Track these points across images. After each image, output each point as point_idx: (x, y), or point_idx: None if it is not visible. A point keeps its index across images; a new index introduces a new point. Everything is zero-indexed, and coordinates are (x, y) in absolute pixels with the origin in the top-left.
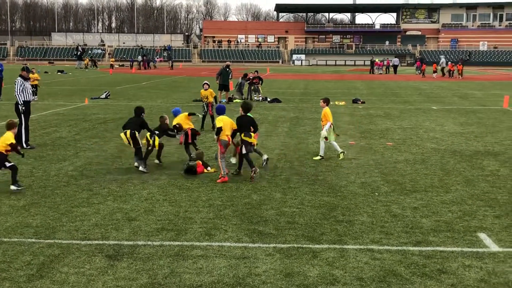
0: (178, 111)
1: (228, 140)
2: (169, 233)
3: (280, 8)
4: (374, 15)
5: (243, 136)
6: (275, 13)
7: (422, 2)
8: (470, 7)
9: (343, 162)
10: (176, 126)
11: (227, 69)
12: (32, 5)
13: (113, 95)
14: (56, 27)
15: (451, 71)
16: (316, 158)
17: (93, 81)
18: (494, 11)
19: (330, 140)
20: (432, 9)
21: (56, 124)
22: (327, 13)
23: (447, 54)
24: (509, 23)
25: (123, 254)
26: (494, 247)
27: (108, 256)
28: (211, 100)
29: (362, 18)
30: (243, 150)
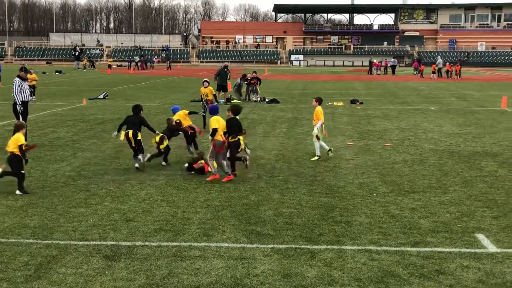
0: (177, 109)
1: (223, 140)
2: (167, 234)
3: (279, 9)
4: (372, 16)
5: (231, 139)
6: (273, 14)
7: (420, 3)
8: (469, 8)
9: (341, 163)
10: (177, 122)
11: (225, 70)
12: (30, 5)
13: (111, 96)
14: (54, 28)
15: (449, 72)
16: (314, 159)
17: (91, 82)
18: (493, 12)
19: (314, 140)
20: (430, 10)
21: (54, 125)
22: (325, 14)
23: (446, 55)
24: (507, 24)
25: (121, 255)
26: (492, 248)
27: (106, 257)
28: (211, 98)
29: (360, 19)
30: (232, 152)
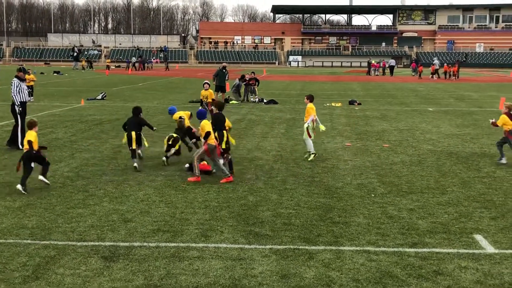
0: (174, 110)
1: (215, 144)
2: (165, 234)
3: (277, 10)
4: (371, 17)
5: (217, 135)
6: (272, 15)
7: (419, 4)
8: (467, 9)
9: (339, 164)
10: (181, 119)
11: (224, 70)
12: (28, 6)
13: (109, 96)
14: (53, 28)
15: (447, 73)
16: (310, 159)
17: (89, 82)
18: (491, 13)
19: (305, 137)
20: (429, 11)
21: (52, 125)
22: (324, 15)
23: (444, 56)
24: (506, 25)
25: (119, 255)
26: (490, 249)
27: (104, 258)
28: (211, 100)
29: (359, 20)
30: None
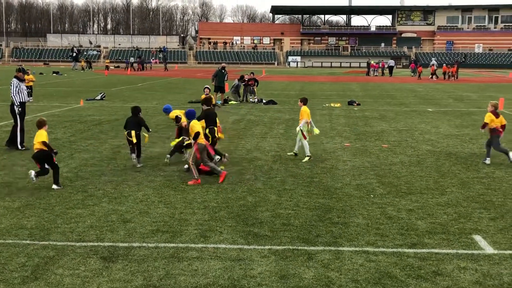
0: (170, 108)
1: (206, 144)
2: (164, 235)
3: (276, 10)
4: (370, 17)
5: (208, 132)
6: (271, 15)
7: (418, 4)
8: (466, 10)
9: (338, 164)
10: (178, 117)
11: (223, 71)
12: (28, 6)
13: (108, 97)
14: (52, 28)
15: (446, 73)
16: (305, 160)
17: (88, 83)
18: (490, 14)
19: (300, 139)
20: (428, 11)
21: (51, 126)
22: (323, 15)
23: (443, 57)
24: (504, 26)
25: (118, 256)
26: (489, 249)
27: (103, 258)
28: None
29: (358, 20)
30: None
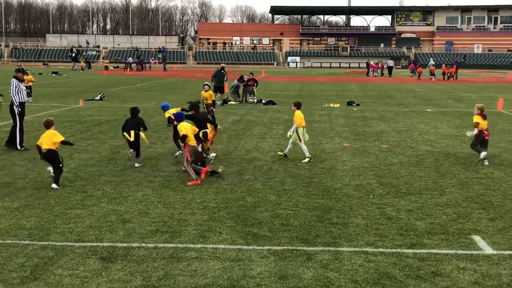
0: (167, 106)
1: (195, 146)
2: (164, 235)
3: (275, 10)
4: (369, 18)
5: (202, 135)
6: (270, 15)
7: (417, 5)
8: (465, 10)
9: (338, 165)
10: (171, 119)
11: (222, 71)
12: (27, 6)
13: (108, 97)
14: (51, 29)
15: (445, 74)
16: (305, 161)
17: (88, 83)
18: (489, 14)
19: (293, 140)
20: (427, 12)
21: None
22: (322, 15)
23: (442, 57)
24: (504, 26)
25: (117, 256)
26: (489, 250)
27: (102, 258)
28: (211, 102)
29: (357, 21)
30: (199, 148)
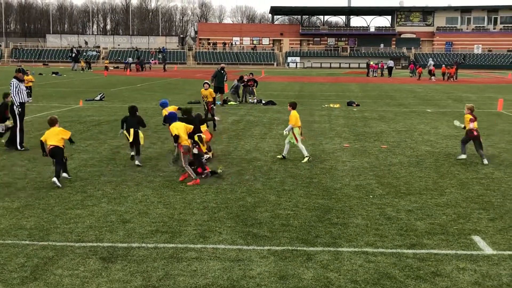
0: (166, 103)
1: (189, 145)
2: (164, 235)
3: (275, 11)
4: (369, 18)
5: (196, 138)
6: (270, 16)
7: (417, 5)
8: (465, 11)
9: (338, 165)
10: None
11: (222, 71)
12: (27, 7)
13: (108, 97)
14: (51, 29)
15: (445, 74)
16: (304, 161)
17: (88, 83)
18: (489, 15)
19: (289, 140)
20: (427, 12)
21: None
22: (322, 16)
23: (442, 57)
24: (504, 27)
25: (117, 256)
26: (488, 250)
27: (102, 258)
28: (211, 100)
29: (357, 21)
30: (195, 150)
